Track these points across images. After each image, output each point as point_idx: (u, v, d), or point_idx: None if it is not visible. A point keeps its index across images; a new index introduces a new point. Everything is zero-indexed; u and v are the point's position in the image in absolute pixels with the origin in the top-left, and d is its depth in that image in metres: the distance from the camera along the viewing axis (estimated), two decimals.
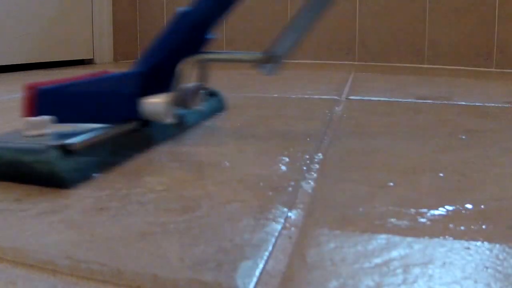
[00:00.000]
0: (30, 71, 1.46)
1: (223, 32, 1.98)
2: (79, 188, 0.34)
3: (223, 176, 0.37)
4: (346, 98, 0.82)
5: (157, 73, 0.46)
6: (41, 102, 0.44)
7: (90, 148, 0.37)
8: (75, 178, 0.34)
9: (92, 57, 1.81)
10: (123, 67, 1.63)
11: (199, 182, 0.36)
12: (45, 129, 0.38)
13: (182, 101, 0.46)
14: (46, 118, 0.39)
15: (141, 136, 0.44)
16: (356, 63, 1.81)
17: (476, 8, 1.63)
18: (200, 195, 0.33)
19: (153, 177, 0.37)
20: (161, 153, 0.44)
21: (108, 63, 1.84)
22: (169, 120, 0.44)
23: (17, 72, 1.40)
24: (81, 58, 1.76)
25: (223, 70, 1.45)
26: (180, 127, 0.50)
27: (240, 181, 0.36)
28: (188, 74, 0.46)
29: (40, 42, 1.54)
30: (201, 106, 0.51)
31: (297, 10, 0.47)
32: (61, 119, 0.42)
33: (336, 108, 0.71)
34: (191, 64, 0.46)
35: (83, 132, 0.38)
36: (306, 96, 0.84)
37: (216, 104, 0.64)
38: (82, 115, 0.44)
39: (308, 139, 0.50)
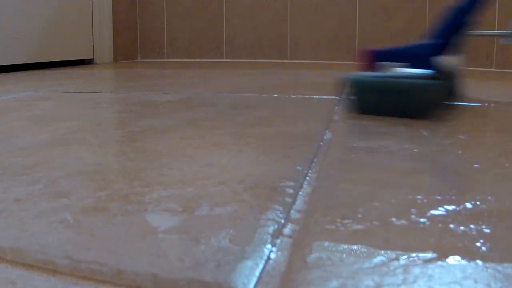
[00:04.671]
0: (30, 71, 1.46)
1: (223, 32, 1.98)
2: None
3: (223, 176, 0.37)
4: (346, 98, 0.82)
5: (443, 44, 0.69)
6: (379, 55, 0.70)
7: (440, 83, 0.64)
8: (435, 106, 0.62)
9: (92, 57, 1.82)
10: (124, 67, 1.63)
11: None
12: (391, 70, 0.65)
13: (459, 63, 0.71)
14: (390, 63, 0.68)
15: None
16: (356, 63, 1.81)
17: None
18: (200, 195, 0.33)
19: None
20: None
21: (108, 63, 1.84)
22: (454, 71, 0.69)
23: (17, 72, 1.40)
24: (81, 58, 1.76)
25: (223, 70, 1.45)
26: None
27: (240, 181, 0.36)
28: (460, 47, 0.70)
29: (40, 42, 1.54)
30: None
31: None
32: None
33: (336, 108, 0.71)
34: (463, 38, 0.70)
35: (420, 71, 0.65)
36: (306, 96, 0.84)
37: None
38: (404, 64, 0.68)
39: (308, 139, 0.50)
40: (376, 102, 0.64)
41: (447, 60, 0.67)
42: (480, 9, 0.71)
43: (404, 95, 0.62)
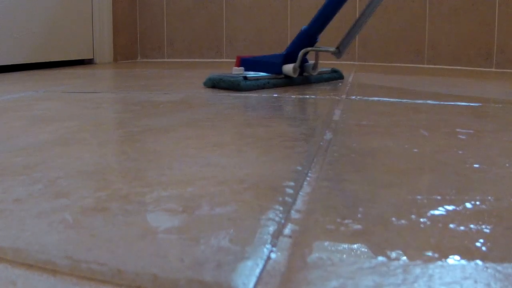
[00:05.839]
0: (30, 71, 1.46)
1: (223, 32, 1.98)
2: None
3: (223, 176, 0.37)
4: (346, 98, 0.82)
5: (291, 55, 1.01)
6: (242, 63, 1.06)
7: (255, 79, 0.95)
8: (247, 88, 0.92)
9: (92, 57, 1.82)
10: (124, 67, 1.63)
11: (200, 182, 0.36)
12: (240, 72, 1.02)
13: (302, 69, 1.04)
14: (241, 68, 1.03)
15: (282, 81, 1.01)
16: (356, 63, 1.81)
17: (476, 8, 1.63)
18: (200, 195, 0.33)
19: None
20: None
21: (108, 63, 1.84)
22: (294, 75, 1.00)
23: (17, 72, 1.40)
24: (81, 58, 1.76)
25: (223, 70, 1.45)
26: (303, 81, 1.05)
27: (240, 181, 0.36)
28: (305, 57, 1.03)
29: (40, 42, 1.54)
30: (318, 73, 1.07)
31: (359, 14, 0.98)
32: (249, 70, 1.05)
33: (336, 108, 0.71)
34: (305, 52, 1.01)
35: (256, 75, 0.98)
36: (306, 96, 0.84)
37: (337, 75, 1.16)
38: (258, 69, 1.03)
39: (308, 139, 0.50)
40: (216, 85, 0.97)
41: (289, 67, 0.99)
42: (320, 31, 1.01)
43: (225, 84, 0.95)
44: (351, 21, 1.79)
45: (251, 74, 0.99)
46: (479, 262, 0.23)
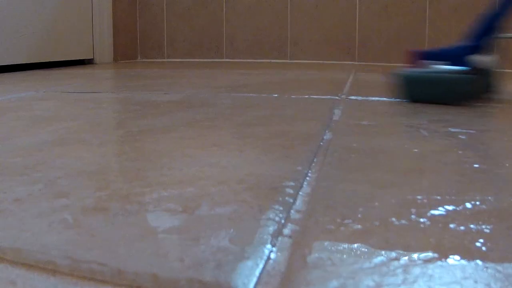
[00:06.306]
0: (30, 71, 1.46)
1: (223, 32, 1.98)
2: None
3: (223, 176, 0.37)
4: (346, 98, 0.82)
5: (476, 46, 0.80)
6: (422, 55, 0.85)
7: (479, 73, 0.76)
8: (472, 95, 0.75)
9: (92, 57, 1.82)
10: (124, 67, 1.63)
11: (200, 182, 0.36)
12: (431, 66, 0.81)
13: (492, 62, 0.83)
14: (430, 62, 0.82)
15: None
16: (356, 63, 1.81)
17: (475, 8, 1.63)
18: (200, 195, 0.33)
19: None
20: None
21: (108, 63, 1.84)
22: (488, 68, 0.80)
23: (17, 72, 1.40)
24: (81, 58, 1.76)
25: (223, 70, 1.45)
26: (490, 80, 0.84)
27: (240, 181, 0.36)
28: (492, 48, 0.82)
29: (40, 42, 1.54)
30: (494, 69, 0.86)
31: None
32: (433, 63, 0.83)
33: (336, 108, 0.71)
34: (495, 41, 0.82)
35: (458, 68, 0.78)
36: (306, 96, 0.84)
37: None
38: (444, 62, 0.82)
39: (308, 139, 0.50)
40: (421, 91, 0.79)
41: (481, 59, 0.81)
42: (510, 15, 0.82)
43: (441, 86, 0.78)
44: (351, 21, 1.79)
45: (448, 67, 0.83)
46: (479, 262, 0.23)
